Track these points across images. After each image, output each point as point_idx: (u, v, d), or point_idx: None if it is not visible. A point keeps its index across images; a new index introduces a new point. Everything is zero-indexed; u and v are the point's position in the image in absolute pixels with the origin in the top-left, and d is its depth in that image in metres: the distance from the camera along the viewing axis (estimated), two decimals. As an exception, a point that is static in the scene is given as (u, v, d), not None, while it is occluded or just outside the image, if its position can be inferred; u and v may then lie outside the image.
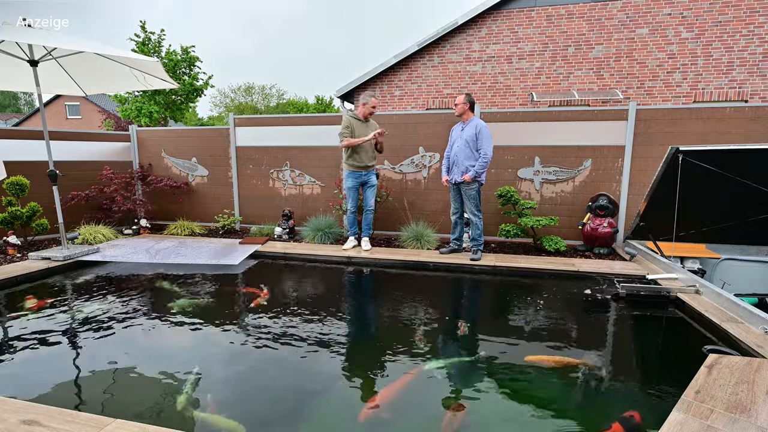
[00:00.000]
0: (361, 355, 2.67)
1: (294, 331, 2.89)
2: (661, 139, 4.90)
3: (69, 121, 30.76)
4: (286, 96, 35.56)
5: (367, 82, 10.62)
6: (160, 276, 4.24)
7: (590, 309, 3.37)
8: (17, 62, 4.37)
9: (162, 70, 4.71)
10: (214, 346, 2.73)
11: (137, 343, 2.78)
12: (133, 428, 1.72)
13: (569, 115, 5.13)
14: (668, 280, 3.67)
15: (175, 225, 6.20)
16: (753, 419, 1.73)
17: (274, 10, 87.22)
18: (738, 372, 2.10)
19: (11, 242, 4.69)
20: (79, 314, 3.20)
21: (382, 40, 78.63)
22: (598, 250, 4.83)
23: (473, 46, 9.92)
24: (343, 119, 4.80)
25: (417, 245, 5.08)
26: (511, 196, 4.85)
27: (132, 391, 2.20)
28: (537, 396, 2.11)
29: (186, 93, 11.54)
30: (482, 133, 4.37)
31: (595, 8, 9.16)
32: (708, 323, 2.86)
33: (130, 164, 6.68)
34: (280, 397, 2.14)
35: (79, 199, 5.72)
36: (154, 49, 11.19)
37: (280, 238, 5.70)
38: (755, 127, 4.65)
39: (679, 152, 3.57)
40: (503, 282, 4.18)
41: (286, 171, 6.18)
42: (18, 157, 5.37)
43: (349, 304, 3.65)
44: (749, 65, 8.63)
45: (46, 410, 1.85)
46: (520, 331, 2.94)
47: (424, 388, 2.24)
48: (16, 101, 54.34)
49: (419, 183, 5.70)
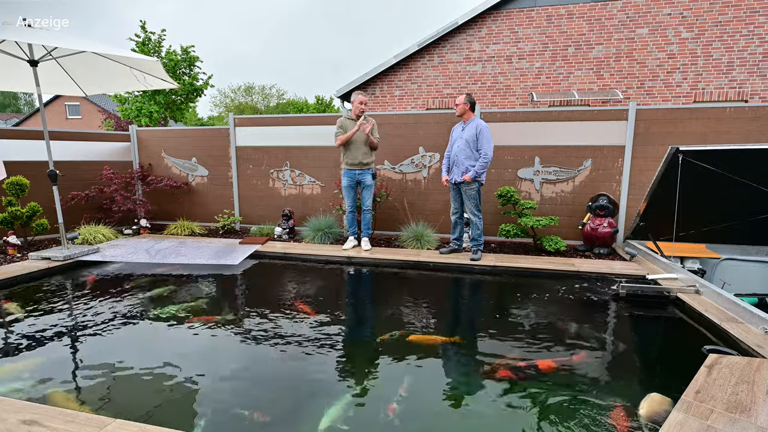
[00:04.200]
0: (362, 355, 2.67)
1: (294, 331, 2.89)
2: (661, 139, 4.90)
3: (69, 121, 30.74)
4: (286, 96, 35.60)
5: (367, 82, 10.62)
6: (159, 276, 4.24)
7: (590, 309, 3.37)
8: (17, 62, 4.37)
9: (162, 70, 4.71)
10: (214, 346, 2.73)
11: (137, 343, 2.78)
12: (133, 428, 1.72)
13: (569, 115, 5.13)
14: (668, 280, 3.67)
15: (175, 225, 6.19)
16: (753, 419, 1.73)
17: (274, 10, 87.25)
18: (738, 372, 2.10)
19: (11, 242, 4.69)
20: (78, 314, 3.20)
21: (382, 40, 78.68)
22: (598, 250, 4.83)
23: (473, 46, 9.92)
24: (337, 121, 4.87)
25: (417, 245, 5.08)
26: (511, 196, 4.85)
27: (132, 390, 2.20)
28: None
29: (186, 93, 11.55)
30: (483, 133, 4.37)
31: (595, 8, 9.16)
32: (708, 323, 2.86)
33: (130, 164, 6.68)
34: (277, 398, 2.14)
35: (79, 199, 5.72)
36: (154, 49, 11.20)
37: (280, 238, 5.70)
38: (755, 127, 4.65)
39: (679, 152, 3.57)
40: (503, 282, 4.18)
41: (286, 171, 6.18)
42: (18, 157, 5.37)
43: (348, 304, 3.65)
44: (749, 65, 8.63)
45: (46, 410, 1.85)
46: (519, 331, 2.94)
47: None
48: (16, 101, 54.34)
49: (419, 183, 5.70)
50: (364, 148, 4.83)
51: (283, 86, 71.52)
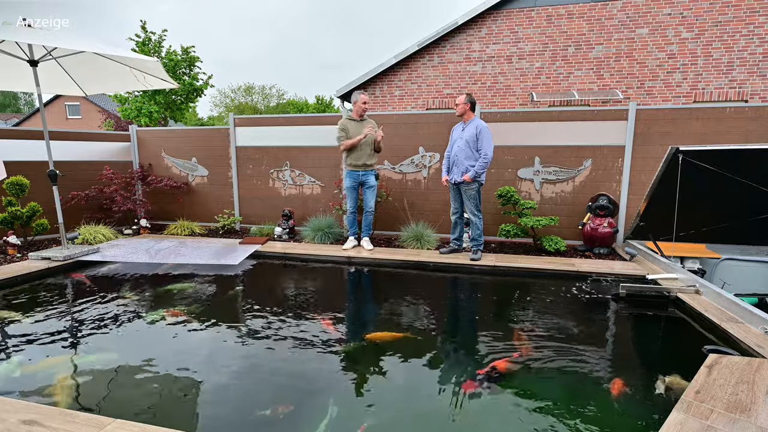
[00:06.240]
0: (361, 355, 2.67)
1: (294, 330, 2.89)
2: (661, 139, 4.90)
3: (69, 121, 30.74)
4: (286, 96, 35.60)
5: (367, 82, 10.63)
6: (159, 276, 4.24)
7: (590, 309, 3.37)
8: (17, 62, 4.37)
9: (162, 70, 4.71)
10: (214, 346, 2.73)
11: (137, 343, 2.78)
12: (133, 428, 1.72)
13: (569, 115, 5.13)
14: (668, 280, 3.68)
15: (175, 225, 6.20)
16: (753, 419, 1.73)
17: (274, 10, 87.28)
18: (738, 372, 2.10)
19: (11, 242, 4.69)
20: (79, 314, 3.20)
21: (382, 40, 78.69)
22: (598, 250, 4.83)
23: (473, 46, 9.92)
24: (339, 123, 4.83)
25: (417, 245, 5.08)
26: (511, 196, 4.85)
27: (132, 390, 2.20)
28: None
29: (186, 93, 11.55)
30: (483, 133, 4.37)
31: (595, 8, 9.16)
32: (708, 323, 2.86)
33: (130, 164, 6.68)
34: (279, 396, 2.14)
35: (79, 199, 5.72)
36: (155, 49, 11.20)
37: (280, 238, 5.70)
38: (755, 127, 4.65)
39: (679, 152, 3.56)
40: (503, 282, 4.18)
41: (286, 171, 6.18)
42: (18, 157, 5.36)
43: (348, 304, 3.65)
44: (749, 65, 8.63)
45: (47, 410, 1.85)
46: (519, 331, 2.94)
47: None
48: (16, 101, 54.34)
49: (419, 183, 5.70)
50: (368, 150, 4.82)
51: (283, 86, 71.54)
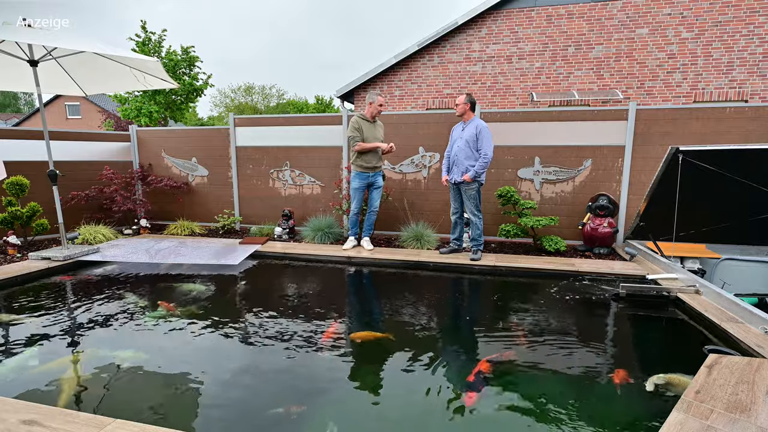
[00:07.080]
0: (361, 354, 2.67)
1: (294, 330, 2.89)
2: (660, 139, 4.90)
3: (69, 121, 30.74)
4: (286, 96, 35.61)
5: (367, 82, 10.63)
6: (159, 276, 4.24)
7: (590, 309, 3.37)
8: (17, 62, 4.37)
9: (162, 70, 4.71)
10: (214, 346, 2.73)
11: (137, 343, 2.78)
12: (133, 428, 1.72)
13: (569, 115, 5.13)
14: (668, 280, 3.68)
15: (175, 225, 6.19)
16: (753, 419, 1.73)
17: (274, 10, 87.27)
18: (738, 372, 2.10)
19: (11, 242, 4.69)
20: (79, 314, 3.20)
21: (382, 40, 78.69)
22: (598, 250, 4.83)
23: (473, 46, 9.92)
24: (351, 121, 4.77)
25: (417, 245, 5.08)
26: (511, 196, 4.85)
27: (131, 390, 2.20)
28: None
29: (186, 93, 11.55)
30: (483, 133, 4.37)
31: (595, 8, 9.16)
32: (708, 323, 2.86)
33: (130, 164, 6.68)
34: (281, 395, 2.14)
35: (79, 199, 5.72)
36: (155, 49, 11.20)
37: (280, 238, 5.70)
38: (755, 127, 4.65)
39: (679, 152, 3.56)
40: (503, 282, 4.18)
41: (286, 171, 6.18)
42: (18, 157, 5.36)
43: (348, 304, 3.65)
44: (749, 65, 8.63)
45: (47, 410, 1.85)
46: (520, 331, 2.94)
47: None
48: (16, 101, 54.35)
49: (419, 183, 5.70)
50: (378, 151, 4.83)
51: (283, 86, 71.56)
